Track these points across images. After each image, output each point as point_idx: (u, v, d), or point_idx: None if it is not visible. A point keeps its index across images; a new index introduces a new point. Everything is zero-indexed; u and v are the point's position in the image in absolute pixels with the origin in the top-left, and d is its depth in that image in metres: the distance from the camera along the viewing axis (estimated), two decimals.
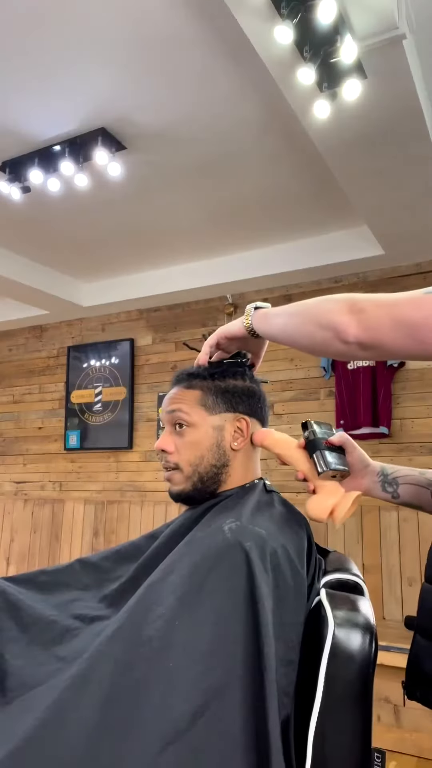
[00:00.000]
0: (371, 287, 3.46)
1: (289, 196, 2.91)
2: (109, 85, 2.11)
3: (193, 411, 1.01)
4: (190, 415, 1.01)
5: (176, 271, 3.85)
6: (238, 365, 1.06)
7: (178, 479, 1.01)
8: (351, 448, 0.96)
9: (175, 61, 1.99)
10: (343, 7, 1.59)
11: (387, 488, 0.95)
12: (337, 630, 0.76)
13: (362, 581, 0.92)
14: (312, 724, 0.72)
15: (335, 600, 0.82)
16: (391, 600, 3.11)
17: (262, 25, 1.62)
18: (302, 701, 0.78)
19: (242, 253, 3.62)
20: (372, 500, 3.50)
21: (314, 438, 0.96)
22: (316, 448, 0.94)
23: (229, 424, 1.02)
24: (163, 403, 1.07)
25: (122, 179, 2.69)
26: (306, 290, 3.66)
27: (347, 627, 0.77)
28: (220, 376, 1.03)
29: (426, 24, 1.83)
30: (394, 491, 0.95)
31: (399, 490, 0.95)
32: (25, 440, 4.67)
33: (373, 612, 0.82)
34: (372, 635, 0.77)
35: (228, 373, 1.04)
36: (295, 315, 0.84)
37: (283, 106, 2.11)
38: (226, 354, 1.05)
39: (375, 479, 0.96)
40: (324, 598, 0.82)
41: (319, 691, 0.73)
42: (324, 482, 0.94)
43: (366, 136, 2.14)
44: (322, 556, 1.02)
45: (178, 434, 1.01)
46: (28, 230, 3.32)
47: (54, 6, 1.77)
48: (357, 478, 0.96)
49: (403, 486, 0.94)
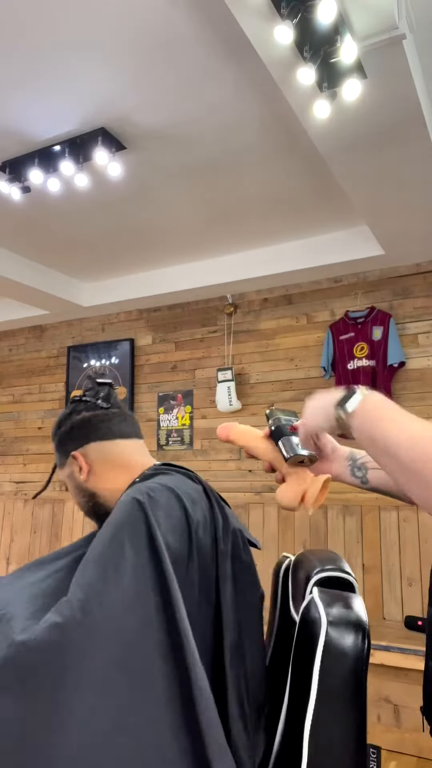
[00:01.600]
0: (371, 287, 3.46)
1: (289, 195, 2.91)
2: (109, 85, 2.11)
3: (61, 474, 1.15)
4: (61, 478, 1.16)
5: (176, 271, 3.86)
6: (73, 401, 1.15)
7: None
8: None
9: (175, 61, 1.99)
10: (343, 7, 1.59)
11: (356, 473, 0.93)
12: (330, 628, 0.77)
13: (354, 579, 0.92)
14: (308, 719, 0.74)
15: (328, 598, 0.83)
16: (391, 600, 3.11)
17: (262, 25, 1.62)
18: (297, 698, 0.79)
19: (242, 253, 3.62)
20: (372, 500, 3.50)
21: (279, 425, 0.93)
22: (282, 435, 0.92)
23: (71, 468, 1.11)
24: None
25: (122, 179, 2.69)
26: (306, 290, 3.66)
27: (340, 625, 0.78)
28: (54, 436, 1.14)
29: (426, 24, 1.84)
30: (363, 476, 0.92)
31: (368, 475, 0.92)
32: (25, 440, 4.67)
33: (365, 609, 0.82)
34: (365, 633, 0.77)
35: (62, 424, 1.13)
36: (410, 439, 0.65)
37: (283, 106, 2.11)
38: None
39: (344, 464, 0.93)
40: (317, 596, 0.83)
41: (313, 688, 0.74)
42: (292, 470, 0.91)
43: (366, 136, 2.14)
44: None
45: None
46: (28, 230, 3.32)
47: (54, 6, 1.77)
48: (326, 463, 0.94)
49: (372, 471, 0.92)
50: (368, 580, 3.17)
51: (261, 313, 3.80)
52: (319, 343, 3.55)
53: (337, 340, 3.44)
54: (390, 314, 3.33)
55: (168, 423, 4.01)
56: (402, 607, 3.07)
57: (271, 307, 3.77)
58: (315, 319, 3.61)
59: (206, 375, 3.91)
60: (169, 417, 4.01)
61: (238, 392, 3.70)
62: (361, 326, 3.37)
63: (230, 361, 3.82)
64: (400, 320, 3.33)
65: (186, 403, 3.96)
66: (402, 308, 3.35)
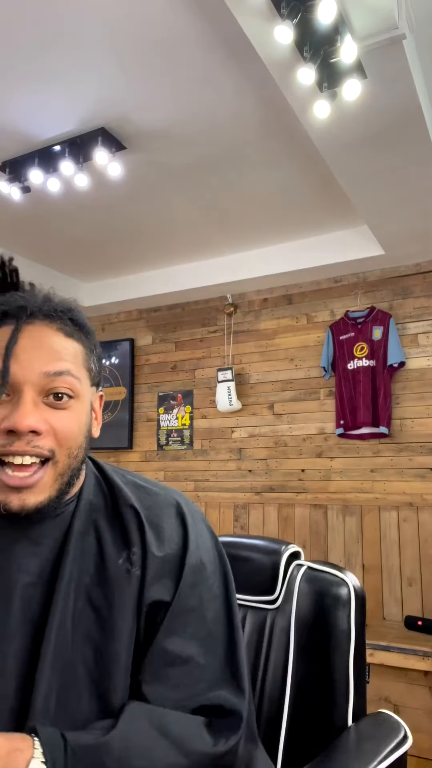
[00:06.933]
0: (371, 287, 3.46)
1: (289, 195, 2.91)
2: (109, 85, 2.11)
3: (82, 376, 0.75)
4: (80, 381, 0.75)
5: (176, 271, 3.86)
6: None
7: (45, 482, 0.71)
8: None
9: (175, 61, 1.99)
10: (343, 7, 1.59)
11: None
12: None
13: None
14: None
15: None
16: (391, 600, 3.11)
17: (262, 25, 1.62)
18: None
19: (242, 253, 3.62)
20: (372, 500, 3.50)
21: None
22: None
23: (93, 400, 0.79)
24: (14, 347, 0.70)
25: (122, 179, 2.69)
26: (306, 290, 3.66)
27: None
28: (91, 332, 0.80)
29: (426, 24, 1.84)
30: None
31: None
32: None
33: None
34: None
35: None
36: None
37: (283, 106, 2.11)
38: None
39: None
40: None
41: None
42: None
43: (366, 136, 2.14)
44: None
45: (53, 408, 0.72)
46: (28, 230, 3.32)
47: (54, 6, 1.77)
48: None
49: None
50: (368, 580, 3.17)
51: (261, 313, 3.80)
52: (319, 343, 3.55)
53: (337, 340, 3.44)
54: (390, 314, 3.33)
55: (168, 423, 4.01)
56: (402, 607, 3.07)
57: (271, 307, 3.77)
58: (315, 319, 3.61)
59: (206, 375, 3.91)
60: (169, 417, 4.01)
61: (238, 392, 3.70)
62: (361, 326, 3.37)
63: (230, 361, 3.82)
64: (400, 320, 3.33)
65: (186, 403, 3.96)
66: (402, 308, 3.35)
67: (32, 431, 0.68)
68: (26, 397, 0.69)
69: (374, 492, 3.25)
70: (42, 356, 0.71)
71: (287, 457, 3.54)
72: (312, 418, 3.50)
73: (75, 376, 0.73)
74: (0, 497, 0.69)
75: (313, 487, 3.41)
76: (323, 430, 3.46)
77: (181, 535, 0.81)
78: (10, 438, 0.68)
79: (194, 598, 0.78)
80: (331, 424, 3.43)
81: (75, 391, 0.73)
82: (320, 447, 3.45)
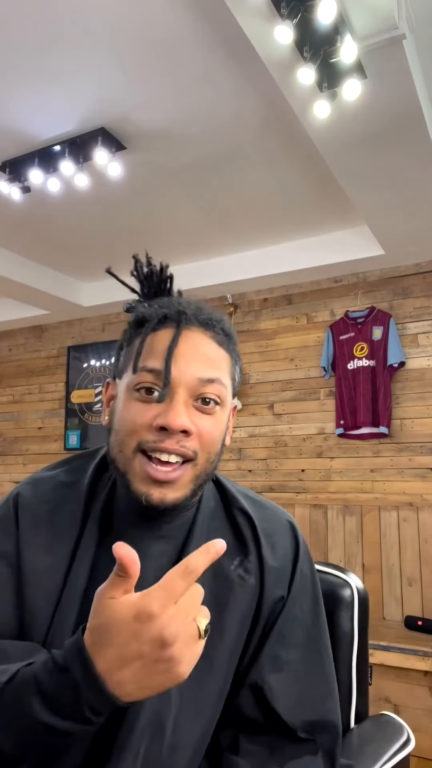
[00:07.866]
0: (371, 287, 3.46)
1: (289, 195, 2.91)
2: (109, 85, 2.10)
3: (228, 385, 0.78)
4: (227, 389, 0.77)
5: (176, 271, 3.77)
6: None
7: (185, 480, 0.73)
8: None
9: (175, 61, 1.98)
10: (343, 7, 1.59)
11: None
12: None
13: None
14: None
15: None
16: (391, 600, 3.11)
17: (262, 25, 1.62)
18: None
19: (242, 253, 3.62)
20: (372, 500, 3.49)
21: None
22: None
23: (228, 418, 0.81)
24: (176, 356, 0.72)
25: (122, 179, 2.69)
26: (306, 290, 3.66)
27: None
28: (233, 343, 0.80)
29: (426, 24, 1.83)
30: None
31: None
32: (25, 440, 4.67)
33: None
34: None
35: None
36: None
37: (283, 106, 2.11)
38: None
39: None
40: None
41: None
42: None
43: (366, 136, 2.14)
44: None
45: (200, 412, 0.74)
46: (28, 230, 3.32)
47: (54, 5, 1.77)
48: None
49: None
50: (368, 580, 3.17)
51: (261, 313, 3.80)
52: (319, 343, 3.55)
53: (337, 340, 3.44)
54: (390, 314, 3.33)
55: None
56: (402, 607, 3.07)
57: (271, 307, 3.77)
58: (315, 319, 3.61)
59: None
60: None
61: (238, 392, 3.70)
62: (361, 326, 3.37)
63: None
64: (400, 320, 3.33)
65: None
66: (402, 308, 3.35)
67: (183, 431, 0.71)
68: (180, 398, 0.72)
69: (374, 492, 3.25)
70: (198, 362, 0.74)
71: (287, 457, 3.54)
72: (312, 418, 3.50)
73: (223, 384, 0.75)
74: (143, 489, 0.71)
75: (313, 487, 3.41)
76: (323, 430, 3.46)
77: (293, 551, 0.83)
78: (161, 435, 0.71)
79: (298, 608, 0.80)
80: (331, 424, 3.43)
81: (222, 399, 0.75)
82: (320, 447, 3.45)
